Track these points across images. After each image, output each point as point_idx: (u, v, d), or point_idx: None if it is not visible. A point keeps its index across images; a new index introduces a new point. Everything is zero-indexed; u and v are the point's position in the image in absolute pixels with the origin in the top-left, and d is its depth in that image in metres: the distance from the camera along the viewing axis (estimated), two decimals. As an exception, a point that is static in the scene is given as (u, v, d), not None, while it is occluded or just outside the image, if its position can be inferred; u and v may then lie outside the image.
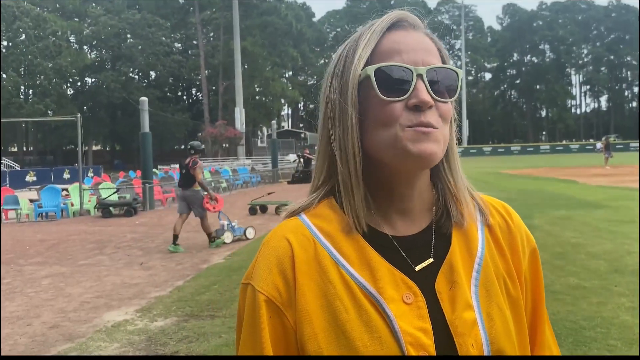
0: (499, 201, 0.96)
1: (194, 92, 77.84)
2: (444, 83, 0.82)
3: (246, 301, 0.83)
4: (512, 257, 0.89)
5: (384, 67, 0.80)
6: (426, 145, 0.78)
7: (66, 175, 35.54)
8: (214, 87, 67.64)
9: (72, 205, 16.91)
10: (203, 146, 11.38)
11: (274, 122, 40.18)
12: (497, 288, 0.85)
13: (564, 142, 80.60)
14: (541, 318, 0.93)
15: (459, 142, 0.94)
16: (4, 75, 53.56)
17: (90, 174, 30.53)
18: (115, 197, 16.74)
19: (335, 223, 0.85)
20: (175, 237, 9.66)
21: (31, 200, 16.61)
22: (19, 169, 38.41)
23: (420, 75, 0.80)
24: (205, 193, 10.10)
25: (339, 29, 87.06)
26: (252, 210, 15.10)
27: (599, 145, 37.58)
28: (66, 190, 17.92)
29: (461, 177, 0.90)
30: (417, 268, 0.83)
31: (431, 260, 0.84)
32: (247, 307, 0.83)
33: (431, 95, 0.80)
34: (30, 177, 33.40)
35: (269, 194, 17.11)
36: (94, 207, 16.71)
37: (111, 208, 15.93)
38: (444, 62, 0.86)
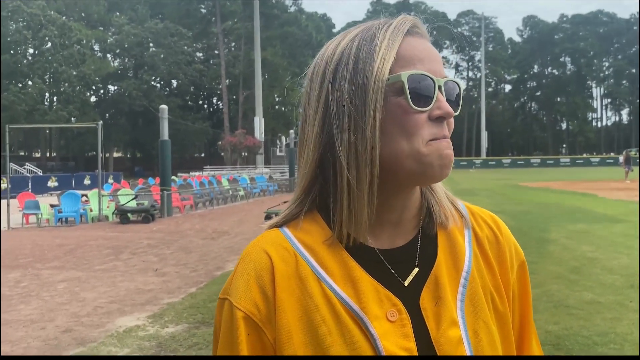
0: (488, 212, 0.93)
1: (214, 101, 78.54)
2: (454, 96, 0.80)
3: (223, 317, 0.79)
4: (500, 271, 0.86)
5: (416, 74, 0.76)
6: (448, 166, 0.77)
7: (87, 181, 36.05)
8: (234, 97, 68.26)
9: (91, 210, 17.13)
10: None
11: (292, 131, 40.37)
12: (483, 303, 0.81)
13: (584, 155, 79.58)
14: (528, 332, 0.90)
15: (478, 153, 0.91)
16: (30, 82, 54.56)
17: (110, 181, 30.92)
18: (133, 204, 16.92)
19: (317, 235, 0.81)
20: None
21: (52, 205, 16.86)
22: (41, 174, 39.03)
23: (439, 87, 0.78)
24: None
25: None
26: (268, 219, 15.07)
27: (621, 158, 37.18)
28: (86, 196, 18.17)
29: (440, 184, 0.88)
30: (406, 283, 0.80)
31: (417, 270, 0.81)
32: (224, 324, 0.79)
33: None
34: (52, 183, 33.93)
35: (284, 202, 17.15)
36: (112, 213, 16.91)
37: (129, 214, 16.11)
38: None
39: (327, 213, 0.82)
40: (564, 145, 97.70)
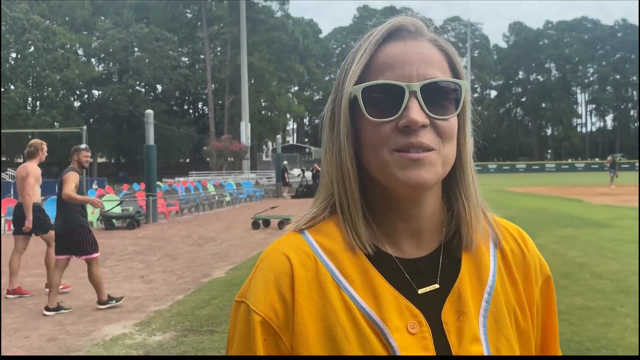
0: (514, 225, 0.90)
1: (200, 106, 78.19)
2: (445, 98, 0.76)
3: (239, 321, 0.78)
4: (524, 287, 0.84)
5: (371, 86, 0.75)
6: (415, 172, 0.73)
7: (71, 187, 35.53)
8: (220, 101, 67.97)
9: (76, 216, 16.87)
10: None
11: (279, 136, 40.37)
12: (506, 319, 0.79)
13: (569, 161, 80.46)
14: (552, 349, 0.88)
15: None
16: (12, 87, 53.95)
17: (95, 186, 30.56)
18: (118, 210, 16.72)
19: (340, 242, 0.79)
20: None
21: (35, 211, 16.58)
22: (24, 179, 38.47)
23: (413, 93, 0.74)
24: None
25: (344, 45, 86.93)
26: (255, 225, 15.05)
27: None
28: (70, 201, 17.89)
29: (475, 195, 0.83)
30: (420, 291, 0.78)
31: (437, 286, 0.79)
32: (240, 328, 0.77)
33: (426, 114, 0.74)
34: (35, 188, 33.41)
35: (272, 208, 17.10)
36: (97, 219, 16.69)
37: (114, 220, 15.90)
38: (453, 70, 0.79)
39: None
40: (549, 151, 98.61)
